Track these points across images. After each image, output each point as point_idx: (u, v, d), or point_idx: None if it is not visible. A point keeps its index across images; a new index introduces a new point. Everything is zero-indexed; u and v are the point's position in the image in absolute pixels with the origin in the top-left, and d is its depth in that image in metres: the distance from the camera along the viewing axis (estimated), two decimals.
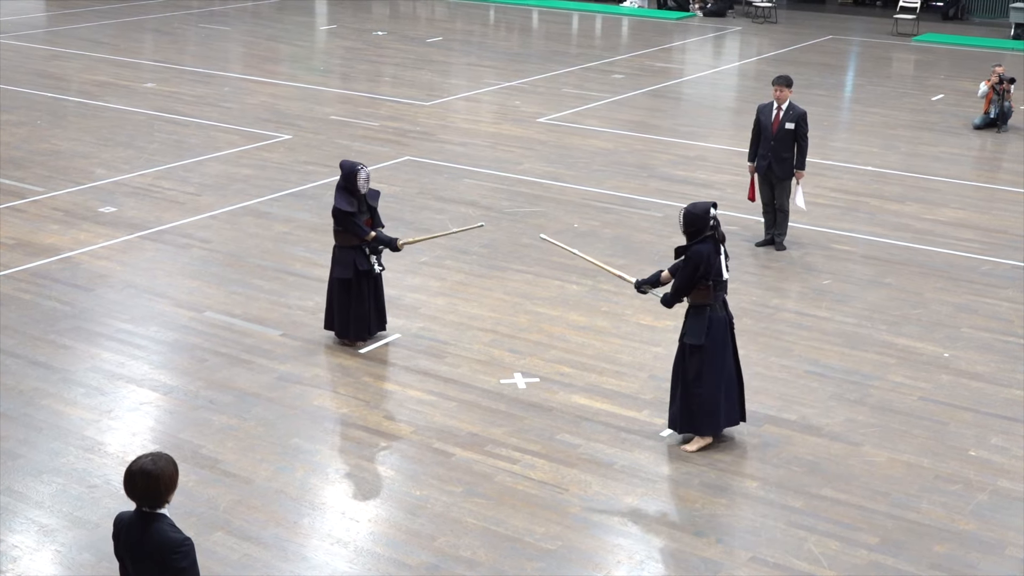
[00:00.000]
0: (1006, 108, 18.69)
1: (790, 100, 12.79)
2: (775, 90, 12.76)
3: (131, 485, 5.11)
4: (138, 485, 5.09)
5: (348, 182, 9.94)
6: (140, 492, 5.10)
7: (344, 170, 9.99)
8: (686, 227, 8.65)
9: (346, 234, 10.05)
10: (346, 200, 9.94)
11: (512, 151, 16.99)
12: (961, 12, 31.72)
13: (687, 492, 8.19)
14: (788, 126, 12.68)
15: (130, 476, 5.10)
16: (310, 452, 8.64)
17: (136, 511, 5.18)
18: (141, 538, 5.13)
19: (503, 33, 29.37)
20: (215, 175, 15.59)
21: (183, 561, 5.06)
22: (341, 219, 9.99)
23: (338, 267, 10.13)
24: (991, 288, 12.01)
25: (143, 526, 5.13)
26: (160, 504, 5.12)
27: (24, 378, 9.71)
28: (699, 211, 8.61)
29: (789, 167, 12.79)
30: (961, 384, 9.87)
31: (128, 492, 5.14)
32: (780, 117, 12.73)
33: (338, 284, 10.16)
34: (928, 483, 8.34)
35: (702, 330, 8.55)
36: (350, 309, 10.18)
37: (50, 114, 18.91)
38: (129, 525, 5.20)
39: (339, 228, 10.06)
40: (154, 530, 5.11)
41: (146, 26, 28.05)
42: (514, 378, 9.82)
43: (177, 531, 5.14)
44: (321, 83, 21.86)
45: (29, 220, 13.63)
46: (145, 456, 5.14)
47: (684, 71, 24.42)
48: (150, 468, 5.07)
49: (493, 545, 7.51)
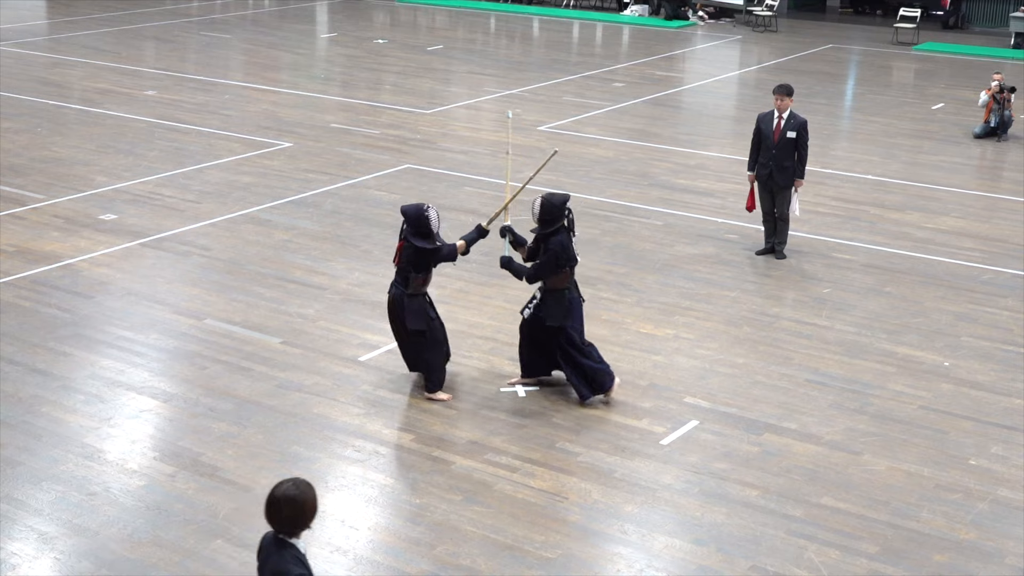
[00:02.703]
0: (1006, 117, 18.71)
1: (791, 109, 12.80)
2: (776, 99, 12.76)
3: (276, 512, 5.02)
4: (284, 512, 5.01)
5: (421, 226, 9.17)
6: (284, 519, 5.02)
7: (411, 215, 9.20)
8: (542, 216, 9.22)
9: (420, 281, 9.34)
10: (428, 242, 9.20)
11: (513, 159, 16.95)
12: (961, 21, 31.77)
13: (687, 500, 8.18)
14: (790, 135, 12.69)
15: (275, 503, 5.01)
16: (310, 460, 8.63)
17: (272, 534, 5.12)
18: (266, 563, 5.09)
19: (504, 41, 29.41)
20: (215, 183, 15.60)
21: None
22: (433, 257, 9.26)
23: (412, 317, 9.35)
24: (991, 297, 12.01)
25: (272, 551, 5.08)
26: (298, 531, 5.05)
27: (24, 385, 9.71)
28: (557, 202, 9.21)
29: (790, 176, 12.79)
30: (961, 393, 9.86)
31: (270, 518, 5.05)
32: (781, 126, 12.74)
33: (430, 338, 9.47)
34: (928, 492, 8.33)
35: (564, 312, 9.29)
36: (431, 360, 9.52)
37: (51, 121, 18.93)
38: (265, 547, 5.15)
39: (423, 274, 9.32)
40: (277, 558, 5.05)
41: (147, 34, 28.09)
42: (514, 386, 9.81)
43: (298, 565, 5.05)
44: (322, 91, 21.89)
45: (29, 227, 13.63)
46: (286, 482, 5.04)
47: (684, 80, 24.45)
48: (294, 494, 4.99)
49: (492, 553, 7.50)
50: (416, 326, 9.37)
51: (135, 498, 8.07)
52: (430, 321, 9.49)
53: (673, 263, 12.80)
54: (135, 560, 7.37)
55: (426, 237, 9.25)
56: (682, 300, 11.76)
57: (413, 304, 9.39)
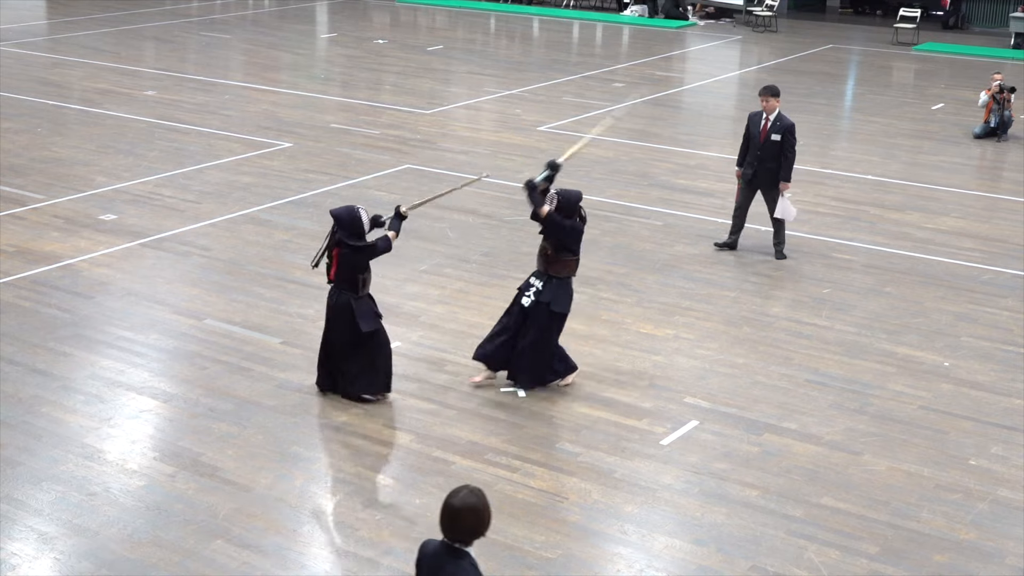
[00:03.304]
0: (1006, 117, 18.72)
1: (779, 111, 12.83)
2: (762, 100, 12.86)
3: (456, 521, 4.97)
4: (465, 521, 4.96)
5: (355, 227, 9.14)
6: (465, 528, 4.98)
7: (344, 218, 9.15)
8: (559, 207, 9.40)
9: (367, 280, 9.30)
10: (360, 240, 9.18)
11: (512, 159, 17.00)
12: (961, 21, 31.78)
13: (687, 501, 8.18)
14: (774, 137, 12.72)
15: (455, 512, 4.96)
16: (310, 460, 8.63)
17: (441, 543, 5.07)
18: (438, 573, 5.03)
19: (504, 41, 29.41)
20: (215, 183, 15.60)
21: None
22: (373, 252, 9.19)
23: (364, 320, 9.24)
24: (991, 297, 12.01)
25: (445, 560, 5.03)
26: (473, 540, 5.01)
27: (24, 385, 9.71)
28: (573, 198, 9.45)
29: (772, 177, 12.81)
30: (961, 393, 9.87)
31: (449, 527, 5.01)
32: (768, 127, 12.78)
33: (376, 339, 9.33)
34: (928, 492, 8.33)
35: (569, 300, 9.61)
36: (377, 361, 9.41)
37: (51, 122, 18.93)
38: (434, 555, 5.09)
39: (364, 274, 9.26)
40: (454, 567, 5.00)
41: (147, 34, 28.09)
42: (514, 386, 9.81)
43: (477, 572, 5.02)
44: (322, 91, 21.89)
45: (29, 227, 13.63)
46: (461, 490, 5.00)
47: (684, 80, 24.45)
48: (474, 502, 4.95)
49: (493, 554, 7.49)
50: (369, 327, 9.25)
51: (135, 498, 8.07)
52: (380, 320, 9.40)
53: (673, 263, 12.80)
54: (135, 560, 7.37)
55: (360, 237, 9.18)
56: (682, 300, 11.77)
57: (363, 307, 9.29)
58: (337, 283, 9.30)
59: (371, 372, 9.41)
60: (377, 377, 9.44)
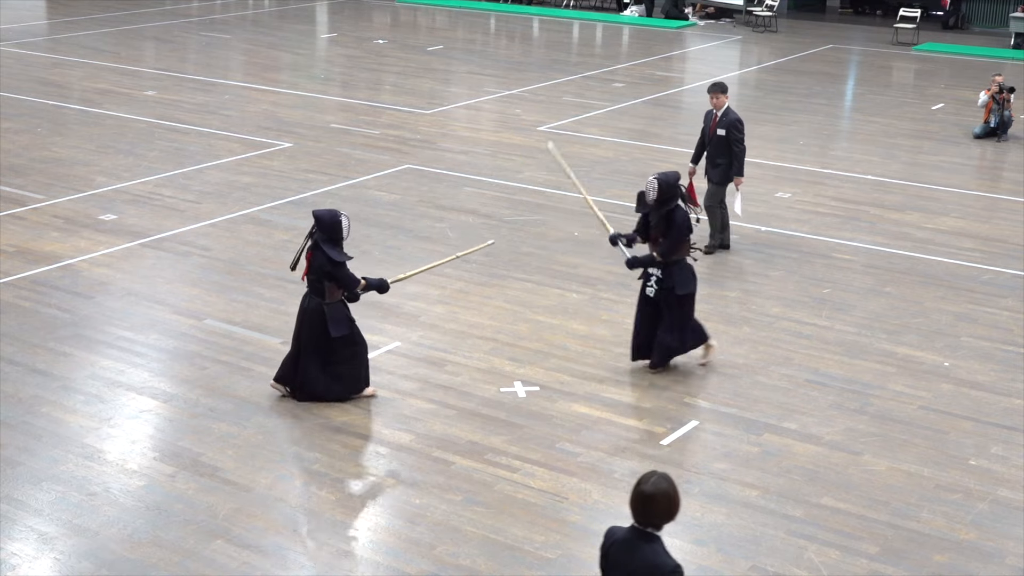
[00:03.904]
0: (1006, 117, 18.71)
1: (728, 106, 13.05)
2: (711, 97, 13.09)
3: (651, 506, 4.99)
4: (660, 506, 4.99)
5: (335, 232, 9.09)
6: (659, 513, 5.00)
7: (325, 221, 9.10)
8: (660, 196, 9.78)
9: (335, 288, 9.22)
10: (338, 251, 9.11)
11: (513, 159, 17.00)
12: (961, 21, 31.77)
13: (687, 501, 8.17)
14: (720, 132, 12.96)
15: (648, 498, 4.99)
16: (310, 460, 8.63)
17: (631, 529, 5.08)
18: (632, 557, 5.03)
19: (504, 42, 29.41)
20: (215, 183, 15.60)
21: None
22: (337, 271, 9.11)
23: (335, 325, 9.20)
24: (991, 297, 12.01)
25: (637, 545, 5.04)
26: (664, 524, 5.03)
27: (24, 386, 9.71)
28: (672, 180, 9.85)
29: (722, 172, 13.02)
30: (961, 393, 9.87)
31: (643, 513, 5.02)
32: (715, 123, 13.02)
33: (344, 343, 9.28)
34: (928, 492, 8.33)
35: (690, 279, 9.93)
36: (340, 367, 9.36)
37: (51, 122, 18.93)
38: (622, 542, 5.10)
39: (331, 283, 9.18)
40: (649, 551, 5.01)
41: (147, 34, 28.09)
42: (514, 387, 9.81)
43: (670, 556, 5.03)
44: (322, 91, 21.89)
45: (29, 227, 13.63)
46: (652, 476, 5.03)
47: (684, 80, 24.45)
48: (666, 487, 4.99)
49: (493, 554, 7.50)
50: (340, 332, 9.20)
51: (135, 498, 8.07)
52: (352, 324, 9.35)
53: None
54: (135, 560, 7.37)
55: (336, 244, 9.11)
56: None
57: (334, 311, 9.23)
58: (309, 286, 9.29)
59: (331, 378, 9.35)
60: (337, 384, 9.38)
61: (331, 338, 9.21)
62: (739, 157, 12.97)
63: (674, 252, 9.91)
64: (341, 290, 9.25)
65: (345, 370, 9.40)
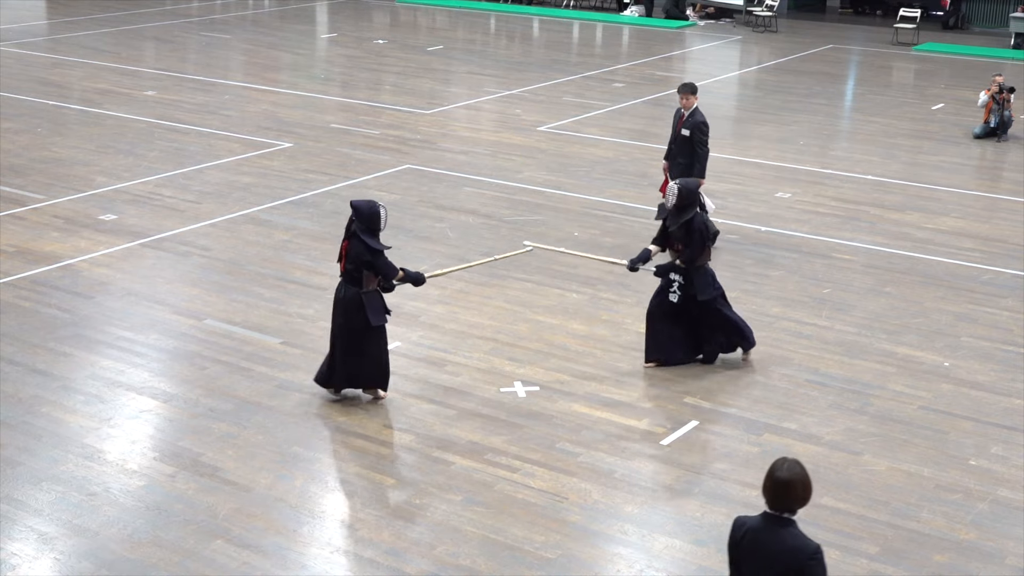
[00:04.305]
0: (1006, 117, 18.71)
1: (696, 107, 13.14)
2: (680, 97, 13.20)
3: (789, 492, 5.12)
4: (797, 492, 5.13)
5: (373, 222, 9.12)
6: (797, 498, 5.14)
7: (364, 211, 9.14)
8: (680, 202, 9.92)
9: (372, 277, 9.25)
10: (375, 240, 9.12)
11: (513, 159, 17.00)
12: (961, 22, 31.77)
13: (687, 501, 8.18)
14: (684, 132, 13.07)
15: (785, 484, 5.12)
16: (310, 460, 8.63)
17: (765, 516, 5.19)
18: (772, 542, 5.12)
19: (504, 42, 29.41)
20: (215, 183, 15.60)
21: (818, 568, 5.06)
22: (376, 259, 9.14)
23: (374, 314, 9.20)
24: (991, 297, 12.01)
25: (775, 530, 5.15)
26: (798, 510, 5.15)
27: (24, 386, 9.71)
28: (693, 187, 10.07)
29: (681, 171, 13.06)
30: (961, 393, 9.86)
31: (781, 499, 5.14)
32: (681, 123, 13.13)
33: (375, 333, 9.26)
34: (928, 492, 8.33)
35: (710, 284, 10.02)
36: (381, 356, 9.39)
37: (51, 122, 18.93)
38: (758, 530, 5.20)
39: (370, 272, 9.20)
40: (788, 535, 5.13)
41: (147, 34, 28.09)
42: (514, 387, 9.81)
43: (808, 538, 5.13)
44: (322, 91, 21.89)
45: (29, 228, 13.63)
46: (783, 463, 5.17)
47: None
48: (801, 472, 5.14)
49: (493, 554, 7.50)
50: (379, 321, 9.24)
51: (135, 498, 8.07)
52: (387, 316, 9.38)
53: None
54: (135, 560, 7.37)
55: (374, 234, 9.15)
56: None
57: (372, 300, 9.25)
58: (345, 275, 9.30)
59: (371, 366, 9.38)
60: (376, 370, 9.41)
61: (368, 327, 9.22)
62: (701, 159, 13.08)
63: (697, 259, 9.99)
64: (378, 279, 9.28)
65: (382, 359, 9.41)
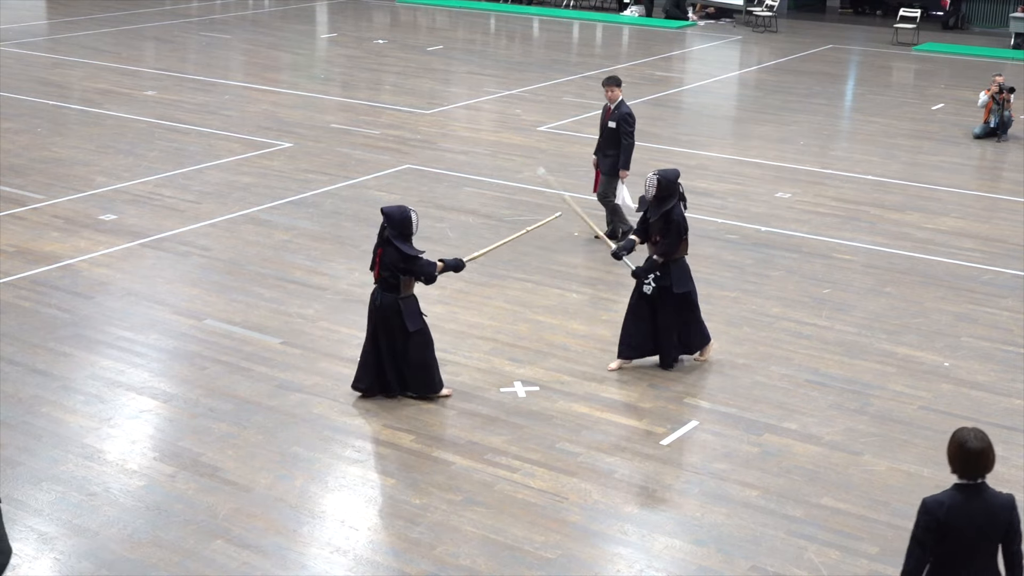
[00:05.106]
0: (1006, 118, 18.72)
1: (622, 100, 13.25)
2: (606, 90, 13.28)
3: (983, 459, 5.46)
4: (989, 458, 5.48)
5: (405, 228, 9.14)
6: (988, 464, 5.48)
7: (395, 217, 9.13)
8: (659, 192, 9.90)
9: (410, 281, 9.29)
10: (408, 245, 9.17)
11: (513, 159, 17.00)
12: (961, 22, 31.78)
13: (687, 501, 8.18)
14: (611, 124, 13.17)
15: (980, 453, 5.45)
16: (310, 460, 8.63)
17: (962, 487, 5.51)
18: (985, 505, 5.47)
19: (504, 42, 29.41)
20: (215, 183, 15.60)
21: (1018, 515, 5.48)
22: (412, 264, 9.17)
23: (411, 320, 9.28)
24: (991, 297, 12.01)
25: (979, 497, 5.49)
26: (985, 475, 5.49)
27: (24, 386, 9.71)
28: (672, 177, 9.97)
29: (611, 163, 13.22)
30: (961, 393, 9.86)
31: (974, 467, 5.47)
32: (608, 116, 13.24)
33: (415, 338, 9.32)
34: (928, 492, 8.31)
35: (687, 277, 10.02)
36: (428, 359, 9.43)
37: (51, 122, 18.93)
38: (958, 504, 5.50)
39: (407, 276, 9.25)
40: (990, 496, 5.48)
41: (147, 34, 28.09)
42: (514, 387, 9.81)
43: (1000, 492, 5.53)
44: (322, 91, 21.89)
45: (29, 228, 13.63)
46: (969, 432, 5.52)
47: (684, 80, 24.45)
48: (988, 440, 5.48)
49: (493, 554, 7.50)
50: (416, 326, 9.32)
51: (135, 498, 8.07)
52: (424, 320, 9.46)
53: None
54: (135, 560, 7.37)
55: (407, 239, 9.19)
56: None
57: (409, 306, 9.33)
58: (380, 282, 9.32)
59: (426, 370, 9.43)
60: (432, 375, 9.48)
61: (409, 332, 9.27)
62: (626, 150, 13.16)
63: (673, 252, 9.94)
64: (418, 281, 9.32)
65: (433, 362, 9.46)
